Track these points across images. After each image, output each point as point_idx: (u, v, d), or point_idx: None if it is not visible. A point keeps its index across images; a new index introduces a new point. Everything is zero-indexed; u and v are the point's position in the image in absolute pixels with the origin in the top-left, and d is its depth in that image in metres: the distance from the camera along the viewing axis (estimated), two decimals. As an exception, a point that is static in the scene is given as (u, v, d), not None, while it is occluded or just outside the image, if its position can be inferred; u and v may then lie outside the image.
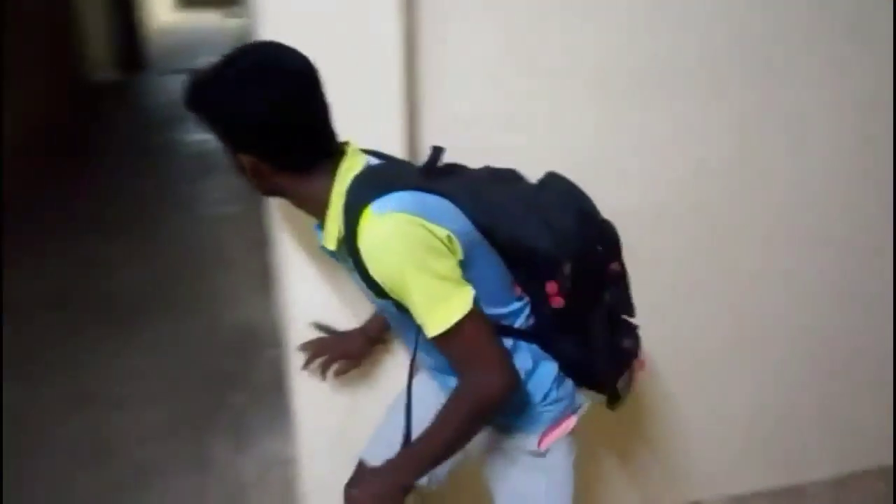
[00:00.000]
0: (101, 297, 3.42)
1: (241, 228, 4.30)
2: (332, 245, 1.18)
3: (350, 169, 1.15)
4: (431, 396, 1.34)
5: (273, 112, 1.07)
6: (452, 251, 1.11)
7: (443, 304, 1.08)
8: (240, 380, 2.79)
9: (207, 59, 1.13)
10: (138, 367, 2.87)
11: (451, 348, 1.12)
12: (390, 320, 1.36)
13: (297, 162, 1.15)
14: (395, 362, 1.64)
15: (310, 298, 1.56)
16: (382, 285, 1.10)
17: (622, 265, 1.32)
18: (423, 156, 1.29)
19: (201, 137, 6.26)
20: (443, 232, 1.09)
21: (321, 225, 1.20)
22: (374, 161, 1.22)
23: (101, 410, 2.62)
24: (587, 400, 1.37)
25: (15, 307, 3.27)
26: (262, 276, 3.59)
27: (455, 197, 1.17)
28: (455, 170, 1.30)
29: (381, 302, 1.18)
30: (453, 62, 1.55)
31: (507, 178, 1.34)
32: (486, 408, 1.15)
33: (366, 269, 1.10)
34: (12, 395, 2.66)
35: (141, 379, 2.80)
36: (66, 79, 7.56)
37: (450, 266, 1.10)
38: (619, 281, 1.32)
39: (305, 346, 1.57)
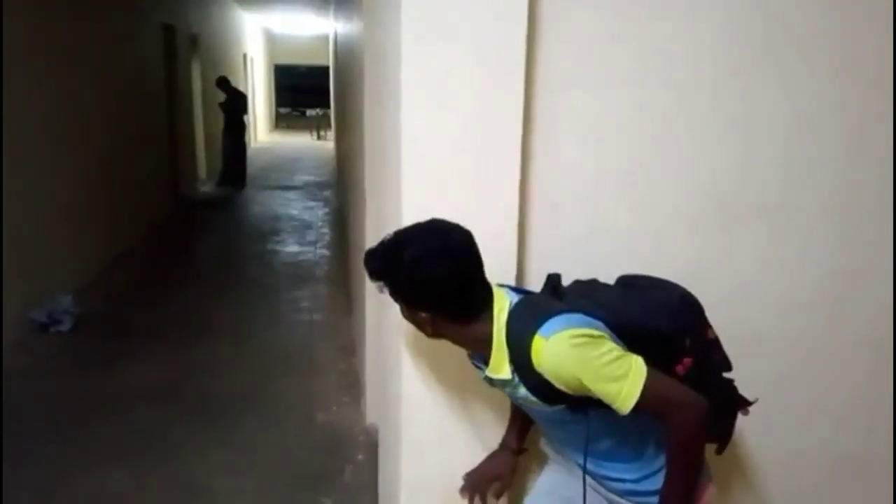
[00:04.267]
0: (200, 395, 3.63)
1: (330, 335, 4.52)
2: (504, 374, 1.37)
3: (502, 309, 1.40)
4: (562, 488, 1.54)
5: (449, 281, 1.33)
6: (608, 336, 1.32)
7: (624, 381, 1.27)
8: (329, 481, 2.89)
9: (303, 178, 1.36)
10: (233, 463, 3.01)
11: (646, 409, 1.29)
12: (547, 423, 1.51)
13: (466, 313, 1.38)
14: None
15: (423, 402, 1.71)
16: (566, 390, 1.31)
17: (712, 329, 1.51)
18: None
19: (294, 249, 6.69)
20: (599, 329, 1.33)
21: (483, 359, 1.41)
22: (514, 295, 1.43)
23: (199, 503, 2.75)
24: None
25: (123, 401, 3.53)
26: (350, 380, 3.76)
27: (585, 309, 1.37)
28: (567, 289, 1.52)
29: (549, 410, 1.37)
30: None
31: (600, 286, 1.55)
32: (699, 435, 1.33)
33: (540, 384, 1.30)
34: (119, 482, 2.85)
35: (235, 474, 2.93)
36: (176, 192, 8.28)
37: (613, 346, 1.30)
38: (715, 343, 1.51)
39: (464, 490, 1.69)
